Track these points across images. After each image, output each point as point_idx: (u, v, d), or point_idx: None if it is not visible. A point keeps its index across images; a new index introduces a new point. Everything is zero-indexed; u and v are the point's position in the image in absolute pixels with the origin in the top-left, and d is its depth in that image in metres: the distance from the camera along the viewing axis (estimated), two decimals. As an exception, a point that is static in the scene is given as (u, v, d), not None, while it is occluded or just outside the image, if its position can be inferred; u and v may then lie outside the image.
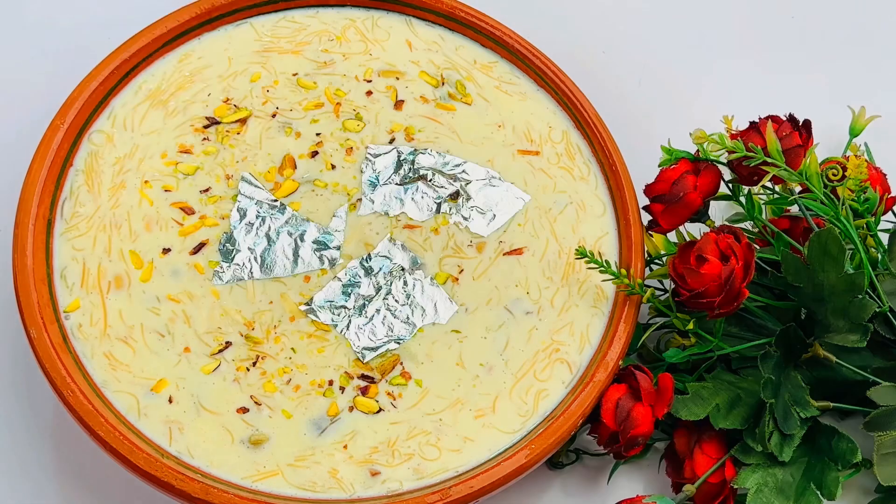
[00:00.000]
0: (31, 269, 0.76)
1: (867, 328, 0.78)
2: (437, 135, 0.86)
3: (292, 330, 0.78)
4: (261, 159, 0.84)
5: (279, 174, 0.83)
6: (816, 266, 0.78)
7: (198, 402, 0.76)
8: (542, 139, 0.88)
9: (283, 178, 0.83)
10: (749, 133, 0.81)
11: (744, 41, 1.03)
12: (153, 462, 0.72)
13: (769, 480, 0.79)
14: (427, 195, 0.84)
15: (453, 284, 0.81)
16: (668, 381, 0.78)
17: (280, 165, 0.84)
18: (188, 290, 0.79)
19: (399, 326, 0.79)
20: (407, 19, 0.91)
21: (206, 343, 0.77)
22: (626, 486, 0.83)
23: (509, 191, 0.85)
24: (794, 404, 0.79)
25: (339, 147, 0.85)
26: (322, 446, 0.75)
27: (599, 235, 0.84)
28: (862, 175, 0.81)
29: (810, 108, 0.88)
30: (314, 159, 0.84)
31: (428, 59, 0.89)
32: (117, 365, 0.76)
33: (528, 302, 0.81)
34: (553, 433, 0.76)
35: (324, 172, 0.84)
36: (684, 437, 0.81)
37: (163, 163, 0.83)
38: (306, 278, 0.80)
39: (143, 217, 0.81)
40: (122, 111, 0.84)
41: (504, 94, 0.89)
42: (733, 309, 0.77)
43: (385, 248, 0.82)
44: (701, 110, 0.96)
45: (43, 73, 0.92)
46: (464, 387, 0.78)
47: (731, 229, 0.79)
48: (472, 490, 0.73)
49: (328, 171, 0.84)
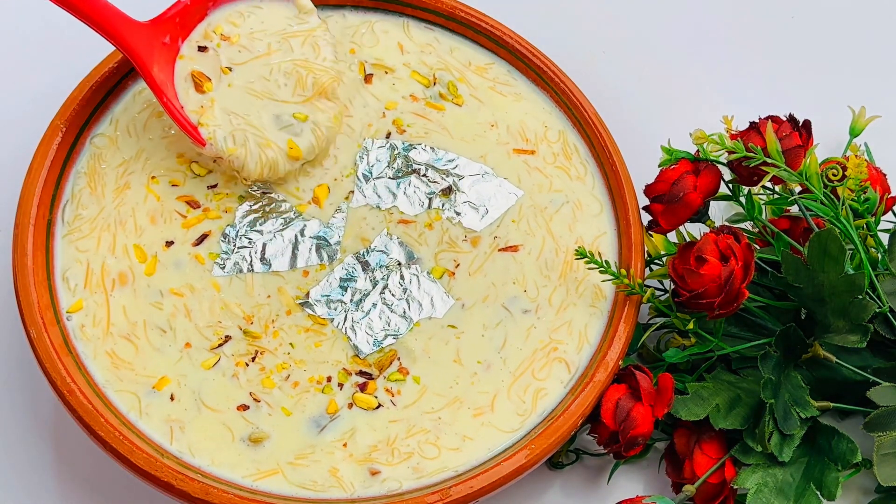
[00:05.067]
0: (31, 270, 0.76)
1: (867, 328, 0.78)
2: (427, 130, 0.87)
3: (290, 324, 0.79)
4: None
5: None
6: (816, 266, 0.78)
7: (199, 399, 0.76)
8: (538, 138, 0.88)
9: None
10: (749, 133, 0.81)
11: (744, 41, 1.03)
12: (153, 462, 0.72)
13: (769, 480, 0.78)
14: (419, 189, 0.84)
15: (450, 279, 0.81)
16: (668, 381, 0.78)
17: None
18: (190, 283, 0.79)
19: (396, 321, 0.79)
20: (404, 21, 0.91)
21: (206, 337, 0.78)
22: (626, 486, 0.83)
23: (502, 186, 0.85)
24: (794, 404, 0.79)
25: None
26: (322, 444, 0.75)
27: (597, 235, 0.84)
28: (862, 175, 0.81)
29: (810, 108, 0.88)
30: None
31: (420, 61, 0.90)
32: (120, 363, 0.76)
33: (526, 300, 0.81)
34: (553, 433, 0.76)
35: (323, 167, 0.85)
36: (684, 437, 0.81)
37: (177, 161, 0.83)
38: (304, 273, 0.81)
39: (147, 212, 0.81)
40: (123, 117, 0.84)
41: (498, 94, 0.89)
42: (733, 309, 0.77)
43: (382, 242, 0.82)
44: (701, 110, 0.96)
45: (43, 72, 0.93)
46: (462, 384, 0.78)
47: (731, 229, 0.79)
48: (473, 490, 0.73)
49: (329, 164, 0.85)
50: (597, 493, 0.83)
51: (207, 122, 0.80)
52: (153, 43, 0.80)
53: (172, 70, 0.81)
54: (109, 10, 0.78)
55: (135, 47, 0.79)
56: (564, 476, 0.83)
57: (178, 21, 0.81)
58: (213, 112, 0.80)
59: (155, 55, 0.80)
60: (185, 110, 0.80)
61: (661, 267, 0.85)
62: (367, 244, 0.82)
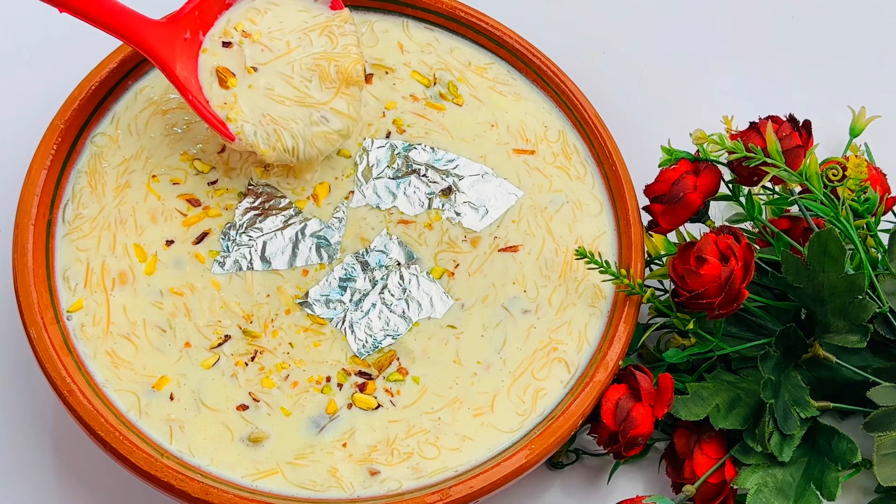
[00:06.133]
0: (31, 269, 0.76)
1: (867, 328, 0.78)
2: (427, 130, 0.87)
3: (289, 324, 0.79)
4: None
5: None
6: (816, 266, 0.78)
7: (198, 398, 0.76)
8: (538, 138, 0.88)
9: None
10: (749, 133, 0.81)
11: (744, 41, 1.03)
12: (153, 462, 0.72)
13: (769, 480, 0.78)
14: (419, 189, 0.84)
15: (449, 279, 0.81)
16: (668, 381, 0.78)
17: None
18: (190, 282, 0.79)
19: (395, 320, 0.79)
20: (403, 21, 0.91)
21: (206, 336, 0.78)
22: (626, 486, 0.83)
23: (502, 186, 0.85)
24: (794, 404, 0.79)
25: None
26: (321, 444, 0.75)
27: (596, 235, 0.84)
28: (862, 175, 0.81)
29: (810, 108, 0.89)
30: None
31: (420, 60, 0.90)
32: (119, 363, 0.76)
33: (526, 300, 0.81)
34: (553, 433, 0.76)
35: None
36: (684, 437, 0.81)
37: (179, 159, 0.83)
38: (304, 272, 0.81)
39: (148, 210, 0.81)
40: (124, 115, 0.84)
41: (498, 94, 0.89)
42: (733, 310, 0.77)
43: (381, 242, 0.82)
44: (701, 110, 0.96)
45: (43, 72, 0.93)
46: (462, 385, 0.78)
47: (731, 230, 0.79)
48: (472, 490, 0.73)
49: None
50: (597, 493, 0.83)
51: (236, 116, 0.80)
52: (174, 41, 0.79)
53: (196, 65, 0.80)
54: (126, 13, 0.77)
55: (156, 48, 0.78)
56: (564, 476, 0.83)
57: (198, 14, 0.81)
58: (239, 106, 0.80)
59: (177, 53, 0.79)
60: (209, 104, 0.80)
61: (661, 267, 0.85)
62: (366, 244, 0.82)
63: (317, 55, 0.81)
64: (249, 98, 0.81)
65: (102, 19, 0.76)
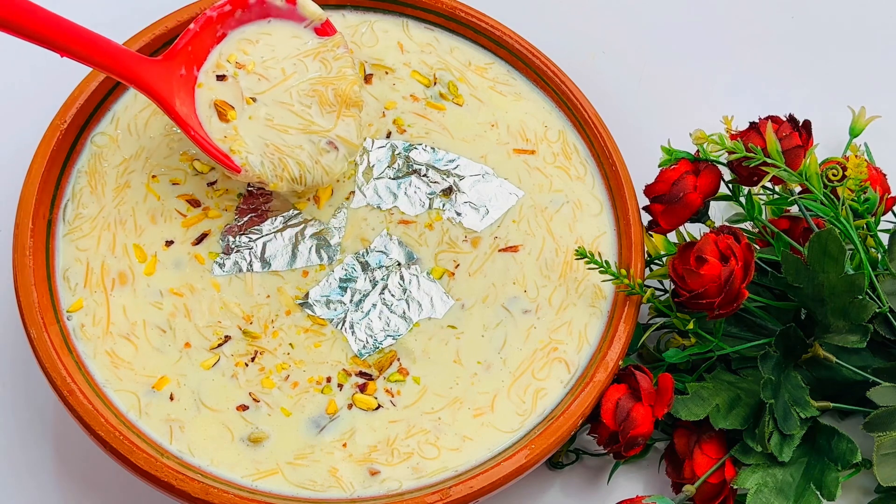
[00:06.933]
0: (31, 269, 0.76)
1: (867, 329, 0.78)
2: (428, 130, 0.87)
3: (289, 324, 0.79)
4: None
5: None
6: (816, 266, 0.78)
7: (198, 399, 0.76)
8: (538, 138, 0.88)
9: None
10: (749, 133, 0.81)
11: (744, 41, 1.03)
12: (153, 462, 0.72)
13: (769, 481, 0.78)
14: (420, 189, 0.84)
15: (449, 279, 0.81)
16: (668, 381, 0.78)
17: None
18: (189, 283, 0.79)
19: (396, 321, 0.79)
20: (403, 21, 0.91)
21: (206, 337, 0.78)
22: (626, 486, 0.83)
23: (502, 186, 0.85)
24: (793, 404, 0.79)
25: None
26: (321, 444, 0.75)
27: (597, 234, 0.84)
28: (862, 175, 0.81)
29: (810, 108, 0.89)
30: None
31: (420, 60, 0.90)
32: (119, 363, 0.76)
33: (526, 300, 0.81)
34: (553, 433, 0.76)
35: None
36: (684, 437, 0.81)
37: (178, 159, 0.83)
38: (304, 273, 0.81)
39: (148, 211, 0.81)
40: (124, 115, 0.84)
41: (498, 94, 0.89)
42: (733, 310, 0.77)
43: (382, 243, 0.82)
44: (701, 110, 0.96)
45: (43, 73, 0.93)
46: (462, 385, 0.78)
47: (731, 230, 0.79)
48: (472, 490, 0.73)
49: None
50: (597, 493, 0.83)
51: (239, 148, 0.80)
52: (171, 78, 0.79)
53: (193, 100, 0.80)
54: (124, 54, 0.77)
55: (155, 86, 0.78)
56: (564, 476, 0.83)
57: (191, 50, 0.81)
58: (241, 138, 0.80)
59: (175, 90, 0.79)
60: (210, 138, 0.80)
61: (661, 267, 0.85)
62: (366, 244, 0.82)
63: (313, 80, 0.82)
64: (250, 129, 0.81)
65: (102, 62, 0.76)
